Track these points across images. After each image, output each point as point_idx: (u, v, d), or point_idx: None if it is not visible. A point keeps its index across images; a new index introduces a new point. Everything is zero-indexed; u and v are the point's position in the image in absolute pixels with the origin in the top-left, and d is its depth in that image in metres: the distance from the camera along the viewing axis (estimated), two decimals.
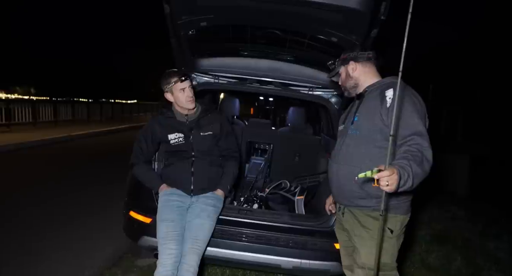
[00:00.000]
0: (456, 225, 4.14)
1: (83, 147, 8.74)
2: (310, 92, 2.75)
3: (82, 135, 10.29)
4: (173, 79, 2.06)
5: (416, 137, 1.42)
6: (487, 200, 5.18)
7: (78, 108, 14.65)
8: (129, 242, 2.88)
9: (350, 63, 1.76)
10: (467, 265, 3.09)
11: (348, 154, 1.67)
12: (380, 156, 1.54)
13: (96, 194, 4.46)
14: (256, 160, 3.51)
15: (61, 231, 3.23)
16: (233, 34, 2.44)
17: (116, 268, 2.68)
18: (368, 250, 1.60)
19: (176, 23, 2.19)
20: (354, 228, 1.68)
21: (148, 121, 2.27)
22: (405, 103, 1.51)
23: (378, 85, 1.67)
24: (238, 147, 2.39)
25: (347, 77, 1.78)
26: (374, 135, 1.58)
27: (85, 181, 5.11)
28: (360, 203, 1.63)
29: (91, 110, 15.60)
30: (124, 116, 18.55)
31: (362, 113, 1.65)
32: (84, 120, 14.34)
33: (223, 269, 2.68)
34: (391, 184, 1.20)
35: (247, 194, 2.84)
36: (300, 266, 2.10)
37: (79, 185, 4.82)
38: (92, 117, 15.30)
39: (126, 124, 14.24)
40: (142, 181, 2.19)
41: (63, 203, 4.01)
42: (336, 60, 1.86)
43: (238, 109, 3.60)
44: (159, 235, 1.98)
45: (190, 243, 1.96)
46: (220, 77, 2.73)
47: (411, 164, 1.30)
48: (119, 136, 11.46)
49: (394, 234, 1.59)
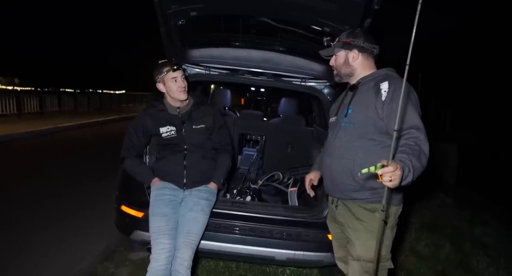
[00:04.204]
0: (444, 212, 4.24)
1: (71, 139, 8.57)
2: (302, 83, 2.72)
3: (70, 127, 10.12)
4: (165, 69, 2.02)
5: (413, 131, 1.41)
6: (474, 188, 5.30)
7: (65, 99, 14.35)
8: (121, 236, 2.85)
9: (353, 50, 1.67)
10: (456, 252, 3.17)
11: (342, 147, 1.64)
12: (373, 149, 1.55)
13: (86, 187, 4.40)
14: (248, 151, 3.49)
15: (51, 226, 3.18)
16: (224, 24, 2.38)
17: (108, 262, 2.66)
18: (363, 243, 1.60)
19: (166, 13, 2.12)
20: (348, 221, 1.67)
21: (139, 113, 2.22)
22: (399, 94, 1.43)
23: (372, 77, 1.64)
24: (231, 140, 2.37)
25: (344, 63, 1.70)
26: (367, 128, 1.56)
27: (74, 174, 5.03)
28: (353, 196, 1.62)
29: (78, 101, 15.31)
30: (113, 107, 18.28)
31: (356, 106, 1.61)
32: (71, 111, 14.08)
33: (216, 261, 2.69)
34: (394, 179, 1.19)
35: (239, 186, 2.83)
36: (294, 257, 2.12)
37: (67, 179, 4.74)
38: (79, 108, 15.03)
39: (115, 115, 14.04)
40: (133, 175, 2.15)
41: (52, 198, 3.94)
42: (335, 38, 1.74)
43: (230, 100, 3.56)
44: (151, 230, 1.95)
45: (183, 237, 1.95)
46: (211, 68, 2.68)
47: (411, 158, 1.29)
48: (108, 128, 11.29)
49: (388, 226, 1.59)
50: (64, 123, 10.22)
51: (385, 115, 1.49)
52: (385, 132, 1.52)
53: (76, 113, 14.12)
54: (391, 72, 1.63)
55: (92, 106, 16.17)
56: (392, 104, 1.46)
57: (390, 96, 1.48)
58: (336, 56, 1.73)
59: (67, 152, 6.84)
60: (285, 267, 2.62)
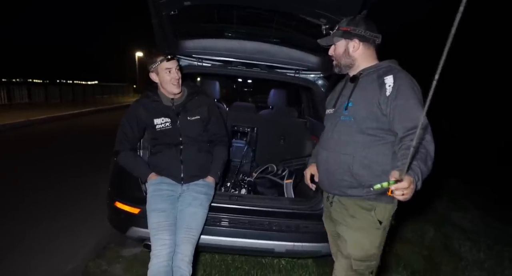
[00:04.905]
0: (426, 199, 4.42)
1: (45, 133, 8.18)
2: (296, 74, 2.72)
3: (42, 120, 9.64)
4: (158, 58, 1.95)
5: (420, 131, 1.36)
6: (452, 175, 5.55)
7: (35, 90, 13.67)
8: (112, 232, 2.79)
9: (354, 40, 1.56)
10: (439, 236, 3.33)
11: (341, 141, 1.56)
12: (373, 145, 1.49)
13: (69, 183, 4.21)
14: (237, 143, 3.47)
15: (36, 224, 3.05)
16: (218, 14, 2.32)
17: (101, 259, 2.60)
18: (355, 241, 1.57)
19: (158, 2, 2.04)
20: (341, 218, 1.62)
21: (132, 104, 2.13)
22: (405, 90, 1.41)
23: (375, 69, 1.54)
24: (226, 131, 2.33)
25: (344, 53, 1.59)
26: (369, 123, 1.49)
27: (53, 169, 4.82)
28: (350, 193, 1.56)
29: (50, 92, 14.62)
30: (87, 98, 17.59)
31: (357, 99, 1.53)
32: (42, 103, 13.43)
33: (212, 255, 2.68)
34: (406, 194, 1.16)
35: (234, 179, 2.82)
36: (293, 249, 2.14)
37: (46, 173, 4.55)
38: (50, 99, 14.37)
39: (90, 107, 13.53)
40: (129, 170, 2.08)
41: (33, 195, 3.76)
42: (333, 26, 1.62)
43: (219, 92, 3.50)
44: (150, 226, 1.91)
45: (183, 232, 1.92)
46: (204, 60, 2.61)
47: (419, 164, 1.25)
48: (84, 120, 10.88)
49: (382, 225, 1.53)
50: (36, 116, 9.74)
51: (389, 111, 1.42)
52: (387, 128, 1.46)
53: (48, 105, 13.48)
54: (394, 64, 1.55)
55: (64, 98, 15.52)
56: (397, 101, 1.40)
57: (395, 92, 1.41)
58: (335, 45, 1.62)
59: (43, 147, 6.51)
60: (281, 258, 2.66)
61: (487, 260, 2.98)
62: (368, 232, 1.55)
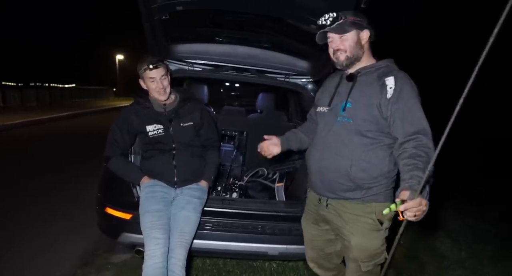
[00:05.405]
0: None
1: (21, 138, 7.89)
2: (286, 79, 2.76)
3: (18, 124, 9.30)
4: (143, 66, 1.92)
5: (422, 136, 1.31)
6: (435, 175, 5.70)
7: (10, 94, 13.18)
8: (100, 239, 2.74)
9: (364, 30, 1.50)
10: (422, 232, 3.46)
11: (338, 143, 1.50)
12: (371, 147, 1.46)
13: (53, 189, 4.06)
14: (226, 147, 3.47)
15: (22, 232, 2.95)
16: (209, 19, 2.34)
17: (89, 266, 2.54)
18: (359, 245, 1.55)
19: (150, 7, 2.03)
20: (340, 222, 1.58)
21: (122, 110, 2.11)
22: (406, 92, 1.39)
23: (374, 68, 1.50)
24: (218, 136, 2.34)
25: (357, 44, 1.49)
26: (368, 126, 1.45)
27: (35, 175, 4.65)
28: (347, 196, 1.52)
29: (25, 96, 14.13)
30: (64, 102, 17.11)
31: (356, 100, 1.47)
32: (17, 107, 12.95)
33: (203, 259, 2.67)
34: (418, 215, 1.13)
35: (224, 183, 2.82)
36: (286, 251, 2.16)
37: (28, 180, 4.39)
38: (26, 103, 13.88)
39: (68, 111, 13.10)
40: (120, 175, 2.05)
41: (15, 203, 3.62)
42: (341, 16, 1.49)
43: (207, 96, 3.50)
44: (144, 226, 1.87)
45: (177, 236, 1.90)
46: (194, 64, 2.62)
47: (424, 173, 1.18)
48: (62, 124, 10.55)
49: (383, 226, 1.52)
50: (12, 120, 9.38)
51: (389, 114, 1.39)
52: (387, 131, 1.44)
53: (24, 108, 13.02)
54: (392, 63, 1.53)
55: (41, 101, 15.03)
56: (398, 104, 1.37)
57: (396, 95, 1.38)
58: (343, 37, 1.49)
59: (21, 153, 6.24)
60: (272, 261, 2.68)
61: (468, 259, 3.09)
62: (370, 235, 1.54)
